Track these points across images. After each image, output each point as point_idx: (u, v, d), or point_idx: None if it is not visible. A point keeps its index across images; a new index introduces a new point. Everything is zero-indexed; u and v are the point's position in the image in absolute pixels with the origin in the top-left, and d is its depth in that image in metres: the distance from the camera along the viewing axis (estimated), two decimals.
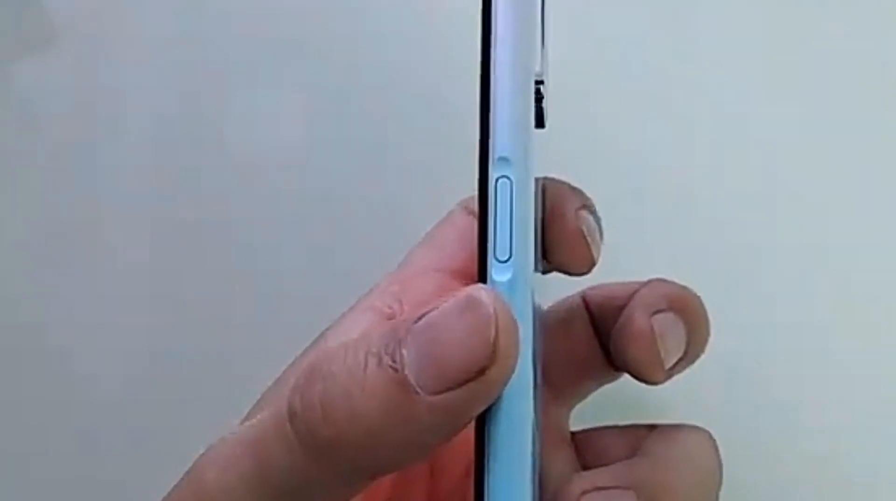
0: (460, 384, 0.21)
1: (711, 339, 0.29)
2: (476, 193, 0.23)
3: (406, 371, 0.21)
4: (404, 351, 0.21)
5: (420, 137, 0.38)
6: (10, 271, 0.41)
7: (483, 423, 0.22)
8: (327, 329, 0.29)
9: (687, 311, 0.28)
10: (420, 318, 0.22)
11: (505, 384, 0.22)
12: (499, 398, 0.22)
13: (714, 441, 0.28)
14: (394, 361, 0.21)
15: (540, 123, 0.24)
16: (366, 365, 0.22)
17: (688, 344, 0.28)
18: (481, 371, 0.21)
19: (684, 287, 0.29)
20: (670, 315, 0.28)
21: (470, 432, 0.25)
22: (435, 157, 0.38)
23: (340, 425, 0.22)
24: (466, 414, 0.22)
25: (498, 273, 0.23)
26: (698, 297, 0.29)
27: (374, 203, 0.39)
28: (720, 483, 0.28)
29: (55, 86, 0.41)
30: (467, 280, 0.29)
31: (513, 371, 0.22)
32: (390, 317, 0.28)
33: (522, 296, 0.22)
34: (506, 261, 0.22)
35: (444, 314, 0.21)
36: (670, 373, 0.28)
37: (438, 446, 0.22)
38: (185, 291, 0.40)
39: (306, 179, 0.40)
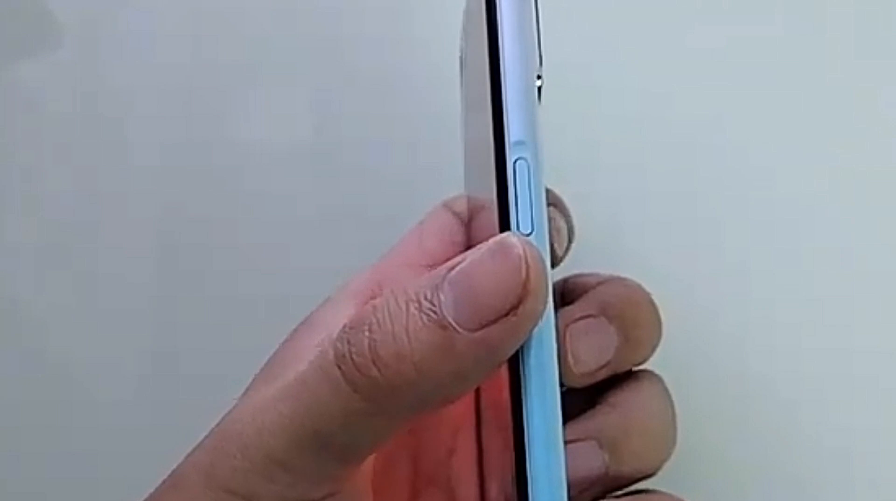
0: (496, 320, 0.23)
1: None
2: (494, 175, 0.24)
3: (444, 312, 0.23)
4: (441, 295, 0.23)
5: (418, 138, 0.39)
6: (9, 271, 0.41)
7: (517, 362, 0.24)
8: (308, 316, 0.30)
9: (622, 316, 0.29)
10: (454, 267, 0.23)
11: (537, 320, 0.23)
12: (529, 338, 0.23)
13: (664, 382, 0.29)
14: (432, 304, 0.23)
15: None
16: (407, 311, 0.23)
17: (618, 349, 0.28)
18: (515, 307, 0.23)
19: (633, 290, 0.29)
20: (595, 321, 0.28)
21: (452, 415, 0.28)
22: (434, 159, 0.38)
23: (390, 366, 0.23)
24: (504, 348, 0.23)
25: None
26: (645, 301, 0.29)
27: (372, 203, 0.39)
28: (675, 422, 0.29)
29: (56, 86, 0.41)
30: None
31: (544, 307, 0.23)
32: None
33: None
34: (529, 234, 0.24)
35: (478, 259, 0.23)
36: (593, 377, 0.28)
37: (482, 381, 0.24)
38: (186, 290, 0.40)
39: (307, 179, 0.40)
